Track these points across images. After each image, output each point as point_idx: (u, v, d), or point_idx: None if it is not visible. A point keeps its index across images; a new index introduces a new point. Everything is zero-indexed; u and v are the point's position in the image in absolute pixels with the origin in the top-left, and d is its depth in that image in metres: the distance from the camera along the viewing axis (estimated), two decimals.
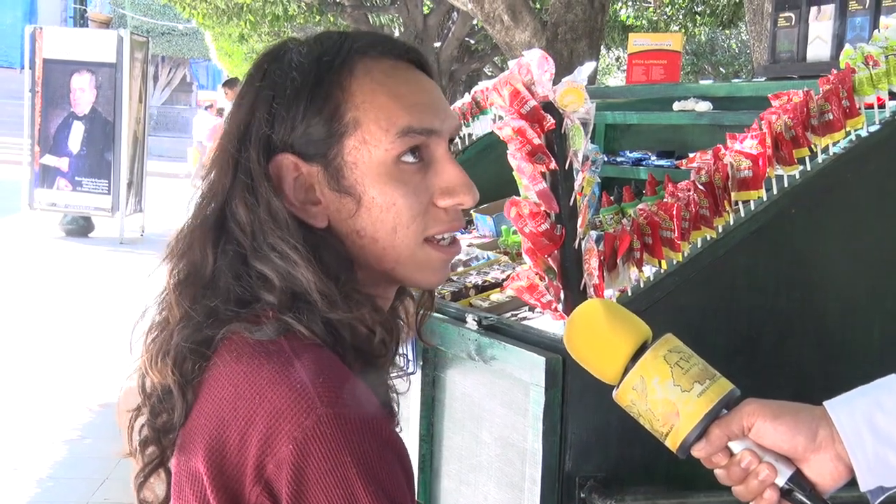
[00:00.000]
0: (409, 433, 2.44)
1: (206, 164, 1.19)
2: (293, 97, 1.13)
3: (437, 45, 14.65)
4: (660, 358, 1.21)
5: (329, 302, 1.09)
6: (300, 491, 0.99)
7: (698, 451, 1.20)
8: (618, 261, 2.10)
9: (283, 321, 1.08)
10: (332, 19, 14.34)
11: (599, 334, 1.24)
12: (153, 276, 1.21)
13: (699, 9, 14.32)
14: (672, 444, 1.22)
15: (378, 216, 1.13)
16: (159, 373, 1.12)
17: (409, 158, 1.14)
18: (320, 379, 1.03)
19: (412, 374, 2.41)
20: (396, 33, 15.38)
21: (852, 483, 1.24)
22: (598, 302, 1.30)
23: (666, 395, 1.19)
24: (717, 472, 1.22)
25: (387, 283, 1.20)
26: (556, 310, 2.14)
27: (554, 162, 2.07)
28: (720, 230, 2.16)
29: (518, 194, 2.17)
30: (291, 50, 1.17)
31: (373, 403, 1.06)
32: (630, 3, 14.95)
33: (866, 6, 2.85)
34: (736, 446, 1.20)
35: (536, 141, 2.07)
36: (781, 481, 1.19)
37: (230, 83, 14.40)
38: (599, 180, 2.46)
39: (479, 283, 2.68)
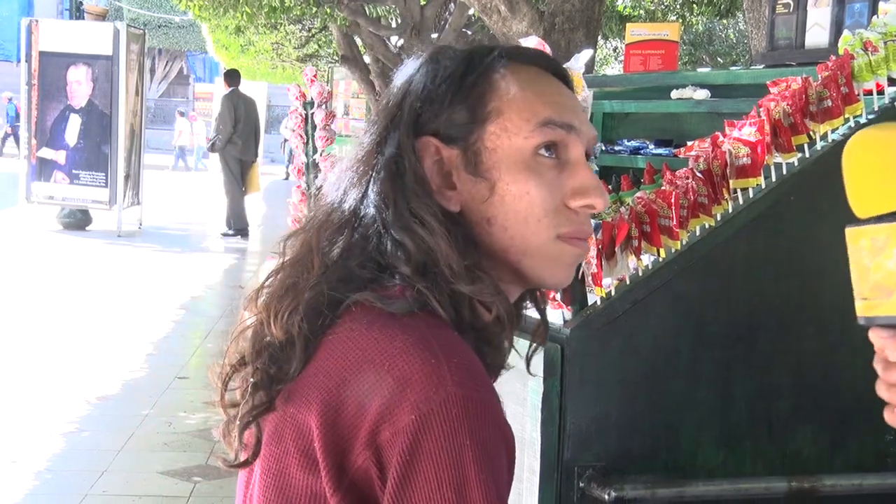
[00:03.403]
0: None
1: (356, 157, 1.22)
2: (442, 85, 1.18)
3: (434, 36, 14.63)
4: None
5: (454, 273, 1.11)
6: (412, 462, 0.99)
7: (882, 338, 1.11)
8: (616, 249, 2.10)
9: (418, 295, 1.10)
10: (328, 11, 14.30)
11: (891, 166, 1.08)
12: (151, 267, 1.20)
13: None
14: (863, 311, 1.11)
15: (511, 204, 1.16)
16: (282, 328, 1.13)
17: (546, 153, 1.17)
18: (455, 359, 1.04)
19: None
20: (394, 24, 15.36)
21: (854, 469, 1.22)
22: None
23: None
24: (882, 364, 1.16)
25: (510, 278, 1.21)
26: (553, 299, 2.13)
27: None
28: (719, 218, 2.16)
29: None
30: (445, 52, 1.23)
31: (496, 395, 1.08)
32: None
33: None
34: None
35: None
36: None
37: (229, 74, 14.42)
38: (597, 169, 2.45)
39: None
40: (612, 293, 2.10)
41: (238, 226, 13.61)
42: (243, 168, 13.73)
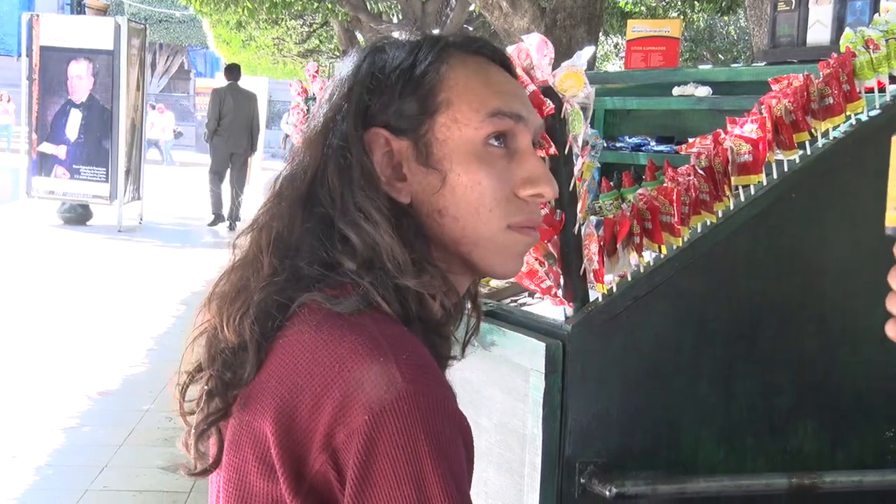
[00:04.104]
0: None
1: (299, 145, 1.22)
2: (390, 77, 1.18)
3: (436, 32, 14.61)
4: None
5: (398, 266, 1.11)
6: (368, 462, 0.99)
7: None
8: (618, 246, 2.10)
9: (363, 292, 1.10)
10: (330, 6, 14.31)
11: None
12: (152, 261, 1.21)
13: None
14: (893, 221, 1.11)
15: (462, 195, 1.16)
16: (235, 331, 1.13)
17: (496, 143, 1.18)
18: (404, 356, 1.04)
19: None
20: (395, 20, 15.34)
21: (854, 466, 1.23)
22: None
23: None
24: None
25: (461, 269, 1.21)
26: (555, 295, 2.13)
27: (553, 147, 2.06)
28: (720, 215, 2.16)
29: None
30: (392, 43, 1.23)
31: (448, 386, 1.08)
32: None
33: None
34: None
35: None
36: None
37: (227, 68, 14.53)
38: (599, 165, 2.45)
39: None
40: (614, 290, 2.10)
41: (214, 211, 14.05)
42: (234, 160, 14.01)
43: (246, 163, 14.25)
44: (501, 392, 2.17)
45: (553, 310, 2.17)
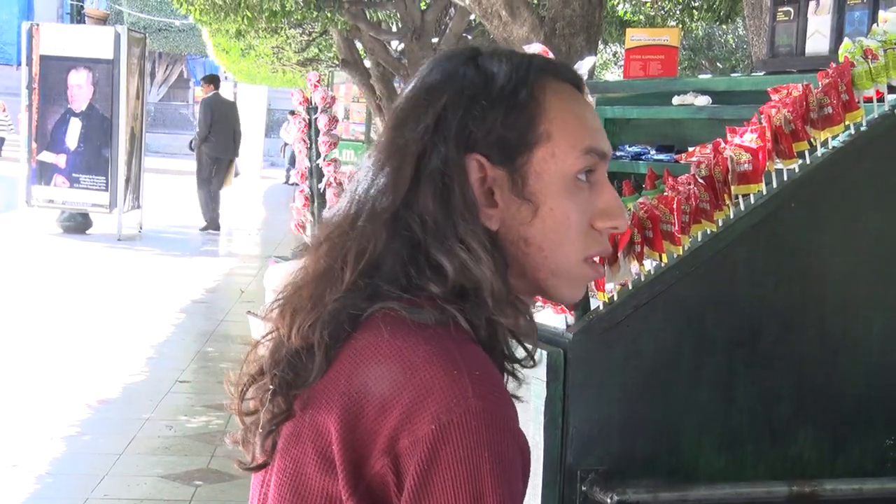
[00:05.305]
0: None
1: (373, 158, 1.20)
2: (492, 101, 1.17)
3: (435, 40, 14.62)
4: None
5: (497, 303, 1.12)
6: (429, 472, 1.01)
7: None
8: (619, 254, 2.11)
9: (446, 311, 1.10)
10: (329, 15, 14.30)
11: None
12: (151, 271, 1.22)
13: (696, 4, 14.30)
14: None
15: (551, 227, 1.17)
16: (303, 337, 1.13)
17: (583, 178, 1.19)
18: (477, 372, 1.06)
19: None
20: (394, 28, 15.37)
21: (854, 474, 1.24)
22: None
23: None
24: None
25: (529, 293, 1.23)
26: (555, 304, 2.14)
27: None
28: (720, 224, 2.17)
29: None
30: (482, 56, 1.21)
31: (514, 408, 1.09)
32: None
33: (864, 0, 2.85)
34: None
35: None
36: None
37: (210, 79, 14.91)
38: None
39: None
40: (615, 298, 2.11)
41: (207, 217, 14.43)
42: (220, 165, 14.56)
43: (229, 167, 14.61)
44: None
45: (554, 318, 2.18)
